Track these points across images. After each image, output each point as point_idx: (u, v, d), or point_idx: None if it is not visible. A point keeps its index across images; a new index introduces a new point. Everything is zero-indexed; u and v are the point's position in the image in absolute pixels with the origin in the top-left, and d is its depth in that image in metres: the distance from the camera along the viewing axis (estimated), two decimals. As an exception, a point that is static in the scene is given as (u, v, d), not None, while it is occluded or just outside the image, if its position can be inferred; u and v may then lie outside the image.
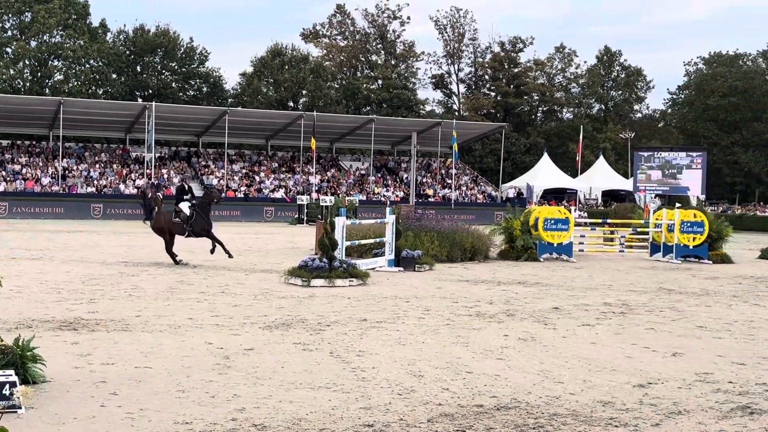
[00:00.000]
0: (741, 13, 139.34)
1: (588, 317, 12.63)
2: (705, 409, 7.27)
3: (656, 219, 25.74)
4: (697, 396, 7.75)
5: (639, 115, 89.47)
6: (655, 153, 53.02)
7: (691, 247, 24.68)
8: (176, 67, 74.10)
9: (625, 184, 62.56)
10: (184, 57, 74.09)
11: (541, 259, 23.27)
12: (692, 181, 50.60)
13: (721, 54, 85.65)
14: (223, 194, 31.75)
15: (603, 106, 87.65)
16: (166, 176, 51.95)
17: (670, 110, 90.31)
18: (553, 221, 23.84)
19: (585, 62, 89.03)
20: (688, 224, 24.73)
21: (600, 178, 64.53)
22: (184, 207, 20.04)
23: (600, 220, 28.39)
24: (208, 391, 7.41)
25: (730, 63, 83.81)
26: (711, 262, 24.26)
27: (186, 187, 20.79)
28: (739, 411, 7.22)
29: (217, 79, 75.44)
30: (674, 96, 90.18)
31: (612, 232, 28.53)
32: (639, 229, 26.97)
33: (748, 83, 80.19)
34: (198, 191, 34.97)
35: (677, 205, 26.67)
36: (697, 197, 50.70)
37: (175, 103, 64.42)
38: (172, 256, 19.50)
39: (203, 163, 55.73)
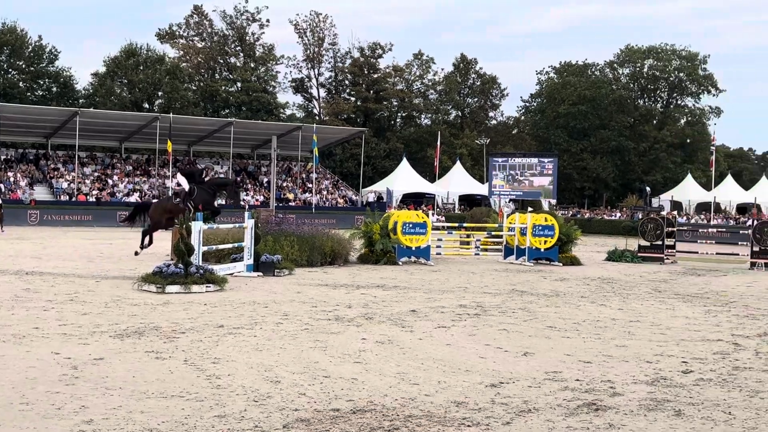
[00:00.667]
0: (590, 25, 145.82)
1: (444, 319, 12.87)
2: (553, 406, 7.53)
3: (510, 223, 26.55)
4: (546, 394, 8.02)
5: (494, 121, 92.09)
6: (509, 159, 54.69)
7: (542, 249, 25.57)
8: (24, 66, 70.89)
9: (481, 189, 64.24)
10: (32, 55, 70.99)
11: (400, 263, 23.57)
12: (544, 186, 52.48)
13: (571, 63, 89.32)
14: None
15: (460, 113, 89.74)
16: (12, 179, 49.57)
17: (523, 117, 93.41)
18: (411, 225, 24.19)
19: (442, 69, 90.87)
20: (540, 228, 25.62)
21: (457, 182, 66.02)
22: (183, 182, 19.32)
23: (457, 224, 29.04)
24: (54, 403, 7.10)
25: (579, 72, 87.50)
26: (561, 264, 25.21)
27: (202, 172, 20.24)
28: (585, 408, 7.51)
29: (68, 78, 72.65)
30: (527, 104, 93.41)
31: (468, 236, 29.22)
32: (494, 233, 27.74)
33: (596, 92, 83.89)
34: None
35: (529, 209, 27.60)
36: (549, 201, 52.62)
37: (22, 103, 61.56)
38: (144, 238, 19.42)
39: (52, 165, 53.50)
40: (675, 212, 35.38)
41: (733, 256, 27.89)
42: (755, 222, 27.77)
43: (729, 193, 66.99)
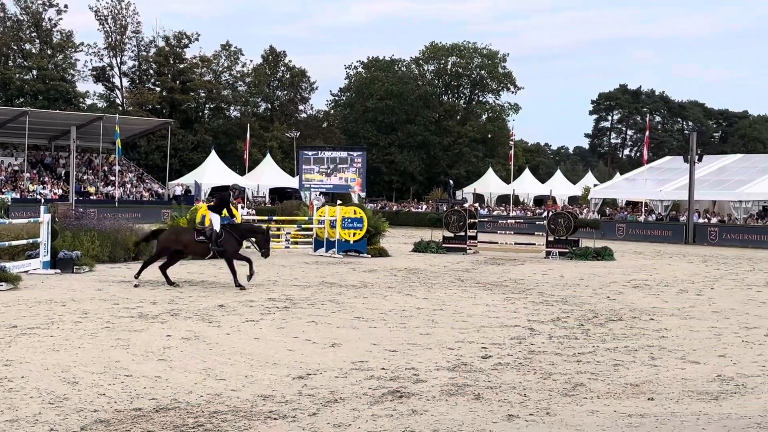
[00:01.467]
0: (396, 22, 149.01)
1: (252, 313, 12.78)
2: (359, 395, 7.65)
3: (320, 216, 26.70)
4: (352, 384, 8.14)
5: (304, 115, 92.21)
6: (319, 152, 54.99)
7: (351, 242, 25.90)
8: None
9: (292, 182, 64.19)
10: None
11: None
12: (353, 180, 53.15)
13: (378, 59, 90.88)
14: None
15: (269, 105, 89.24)
16: None
17: (332, 111, 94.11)
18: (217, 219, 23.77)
19: (251, 61, 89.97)
20: (349, 220, 25.94)
21: (267, 176, 65.62)
22: (215, 221, 16.46)
23: (267, 218, 28.85)
24: None
25: (386, 68, 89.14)
26: (370, 255, 25.63)
27: (230, 196, 17.14)
28: (389, 395, 7.68)
29: None
30: (336, 98, 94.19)
31: (278, 229, 29.13)
32: (304, 226, 27.80)
33: (402, 87, 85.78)
34: None
35: (339, 202, 27.86)
36: (358, 194, 53.34)
37: None
38: (143, 268, 16.57)
39: None
40: (477, 204, 36.82)
41: (530, 246, 29.36)
42: (550, 213, 29.30)
43: (527, 186, 70.53)
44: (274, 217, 29.62)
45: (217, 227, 16.42)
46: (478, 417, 7.03)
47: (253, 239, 16.83)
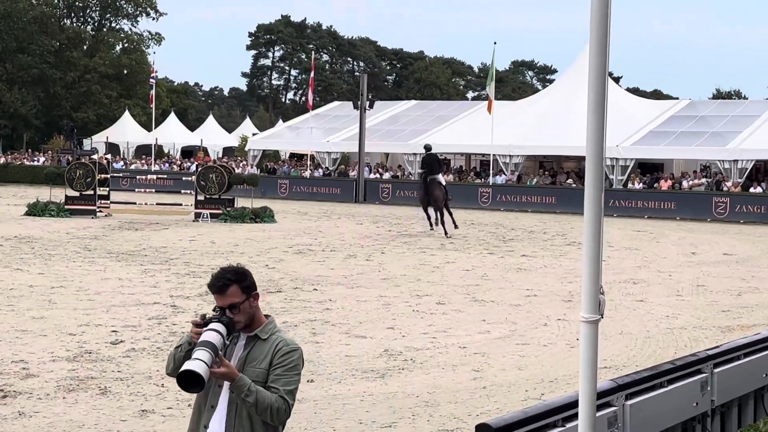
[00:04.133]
0: None
1: None
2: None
3: None
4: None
5: None
6: None
7: (-58, 204, 24.23)
8: None
9: None
10: None
11: None
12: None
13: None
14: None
15: None
16: None
17: None
18: None
19: None
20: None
21: None
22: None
23: None
24: None
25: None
26: (-33, 221, 24.16)
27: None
28: (-11, 396, 7.34)
29: None
30: None
31: None
32: None
33: (11, 6, 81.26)
34: None
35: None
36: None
37: None
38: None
39: None
40: (109, 156, 36.00)
41: (176, 207, 29.25)
42: (200, 168, 29.38)
43: (172, 134, 70.04)
44: None
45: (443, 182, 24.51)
46: (104, 415, 6.94)
47: None
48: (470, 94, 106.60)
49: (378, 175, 43.82)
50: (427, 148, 26.25)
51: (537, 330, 11.06)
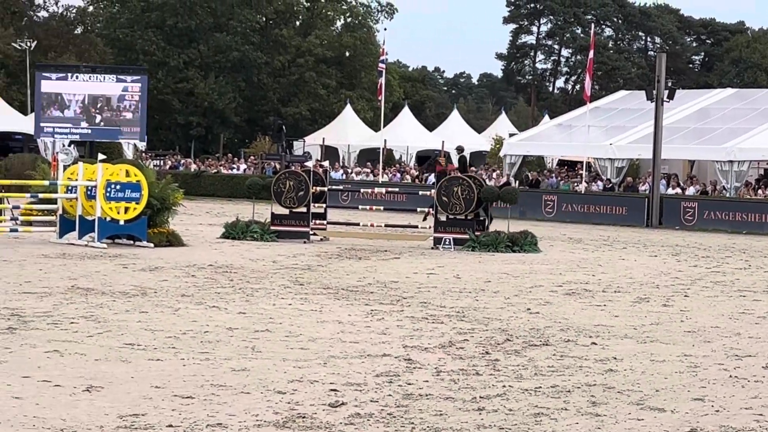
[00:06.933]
0: None
1: (-45, 338, 12.47)
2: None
3: (69, 179, 26.16)
4: (118, 451, 8.06)
5: (43, 13, 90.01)
6: (70, 76, 53.78)
7: (122, 222, 25.53)
8: None
9: (24, 124, 62.71)
10: None
11: None
12: (126, 120, 52.33)
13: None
14: None
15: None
16: None
17: (92, 8, 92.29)
18: None
19: None
20: (118, 187, 25.52)
21: (-16, 113, 63.95)
22: None
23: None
24: None
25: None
26: (152, 244, 25.35)
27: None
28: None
29: None
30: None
31: (0, 201, 28.43)
32: (42, 195, 27.22)
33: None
34: None
35: (101, 157, 27.40)
36: (135, 145, 52.64)
37: None
38: None
39: None
40: (326, 163, 36.90)
41: (410, 230, 29.66)
42: (441, 179, 29.72)
43: (406, 134, 71.11)
44: (-6, 181, 28.92)
45: None
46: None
47: None
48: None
49: (679, 191, 42.92)
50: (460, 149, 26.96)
51: None
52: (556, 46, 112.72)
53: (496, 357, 12.51)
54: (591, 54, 49.10)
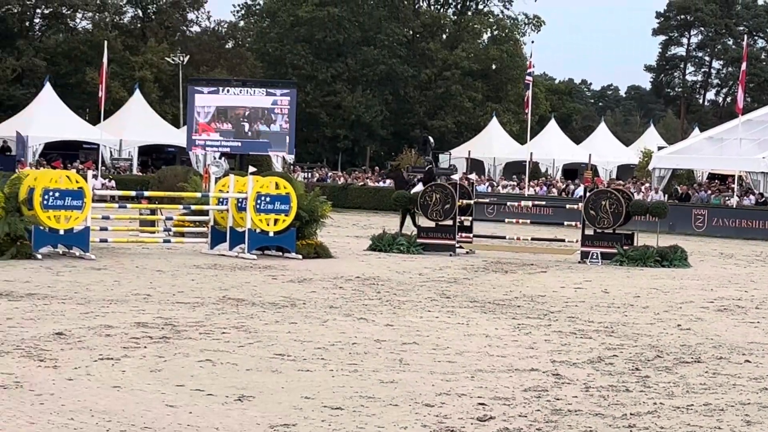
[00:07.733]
0: None
1: (111, 346, 12.72)
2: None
3: (220, 191, 26.56)
4: (271, 461, 8.15)
5: (196, 28, 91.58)
6: (221, 89, 54.67)
7: (271, 234, 25.85)
8: None
9: (176, 137, 63.85)
10: None
11: (39, 256, 23.02)
12: (276, 134, 52.96)
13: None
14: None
15: (140, 12, 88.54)
16: None
17: (243, 23, 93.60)
18: (58, 194, 23.64)
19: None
20: (268, 199, 25.85)
21: (136, 125, 65.04)
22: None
23: (134, 193, 28.76)
24: None
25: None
26: (301, 256, 25.61)
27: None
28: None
29: None
30: (249, 2, 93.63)
31: (153, 212, 28.98)
32: (195, 207, 27.68)
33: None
34: None
35: (252, 169, 27.76)
36: (283, 158, 53.26)
37: None
38: None
39: None
40: (472, 176, 36.92)
41: (557, 243, 29.49)
42: (588, 192, 29.48)
43: (552, 147, 70.76)
44: (146, 193, 29.50)
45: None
46: None
47: None
48: None
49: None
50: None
51: None
52: (707, 58, 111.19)
53: (647, 374, 12.37)
54: (744, 66, 48.50)
